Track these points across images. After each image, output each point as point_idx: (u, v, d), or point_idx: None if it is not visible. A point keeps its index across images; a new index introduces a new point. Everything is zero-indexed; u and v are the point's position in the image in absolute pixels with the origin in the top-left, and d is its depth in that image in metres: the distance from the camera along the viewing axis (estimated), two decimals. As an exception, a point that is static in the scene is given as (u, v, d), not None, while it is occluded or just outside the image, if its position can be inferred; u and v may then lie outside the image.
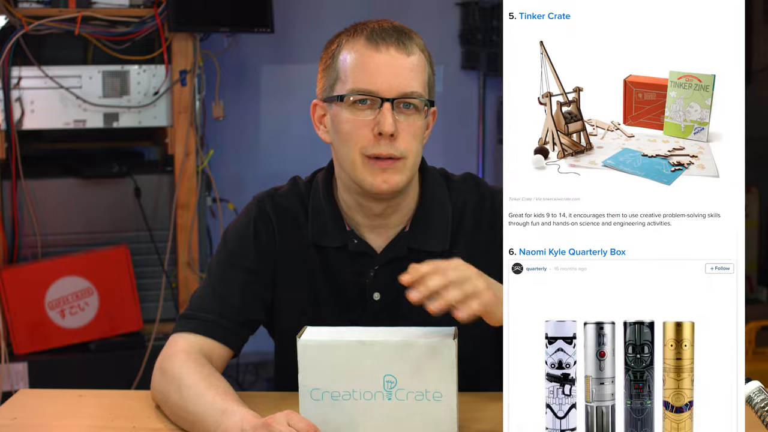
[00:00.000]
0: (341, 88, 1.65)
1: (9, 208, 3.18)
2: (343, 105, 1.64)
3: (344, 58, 1.65)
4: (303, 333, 1.46)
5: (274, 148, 4.26)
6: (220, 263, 1.74)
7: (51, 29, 3.14)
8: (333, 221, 1.71)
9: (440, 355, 1.42)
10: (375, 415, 1.44)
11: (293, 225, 1.73)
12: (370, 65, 1.62)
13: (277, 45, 4.18)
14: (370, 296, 1.71)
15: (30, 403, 1.69)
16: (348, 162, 1.65)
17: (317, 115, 1.72)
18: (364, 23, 1.68)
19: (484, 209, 1.75)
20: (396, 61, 1.62)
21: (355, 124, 1.63)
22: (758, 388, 1.28)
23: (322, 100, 1.71)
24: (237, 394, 1.53)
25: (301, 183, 1.78)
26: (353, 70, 1.63)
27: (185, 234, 3.30)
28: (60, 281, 3.17)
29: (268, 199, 1.76)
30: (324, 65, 1.70)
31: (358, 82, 1.63)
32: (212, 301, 1.69)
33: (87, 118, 3.22)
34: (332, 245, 1.71)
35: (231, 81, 4.03)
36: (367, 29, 1.65)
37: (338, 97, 1.64)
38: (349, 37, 1.66)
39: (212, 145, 3.54)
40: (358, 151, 1.63)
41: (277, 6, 3.41)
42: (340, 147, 1.66)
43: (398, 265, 1.66)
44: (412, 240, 1.71)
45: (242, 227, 1.75)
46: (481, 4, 4.27)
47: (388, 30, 1.65)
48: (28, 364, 3.11)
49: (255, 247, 1.72)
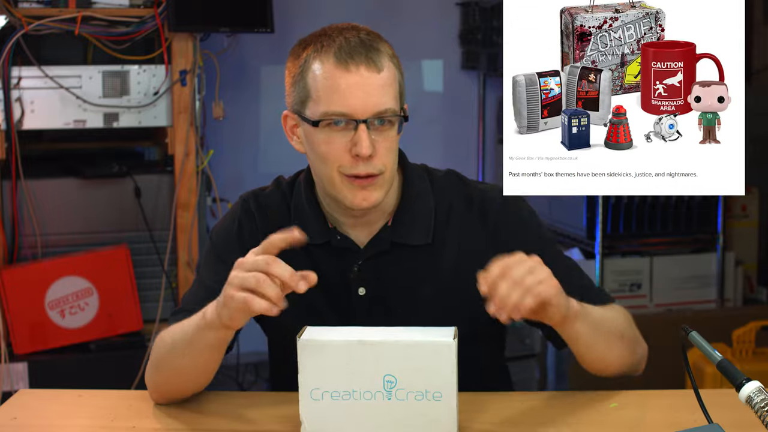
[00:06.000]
0: (314, 109, 1.62)
1: (9, 208, 3.18)
2: (317, 127, 1.63)
3: (314, 77, 1.62)
4: (303, 333, 1.46)
5: (274, 148, 4.26)
6: (208, 260, 1.77)
7: (51, 29, 3.13)
8: (315, 220, 1.73)
9: (440, 355, 1.42)
10: (375, 415, 1.44)
11: (276, 224, 1.73)
12: (341, 86, 1.60)
13: (277, 45, 4.18)
14: (355, 291, 1.71)
15: (30, 403, 1.69)
16: (326, 179, 1.66)
17: (289, 125, 1.71)
18: (329, 34, 1.65)
19: (472, 211, 1.75)
20: (367, 81, 1.61)
21: (330, 145, 1.62)
22: (758, 388, 1.28)
23: (293, 113, 1.69)
24: (237, 394, 1.53)
25: (284, 183, 1.80)
26: (324, 92, 1.61)
27: (185, 234, 3.30)
28: (60, 281, 3.17)
29: (252, 198, 1.78)
30: (292, 77, 1.67)
31: (330, 104, 1.61)
32: (201, 296, 1.70)
33: (87, 118, 3.22)
34: (316, 242, 1.71)
35: (231, 81, 4.03)
36: (335, 45, 1.62)
37: (312, 122, 1.63)
38: (317, 52, 1.63)
39: (212, 145, 3.54)
40: (335, 170, 1.64)
41: (277, 6, 3.41)
42: (317, 164, 1.67)
43: (382, 258, 1.71)
44: (395, 234, 1.72)
45: (227, 225, 1.78)
46: (481, 4, 4.28)
47: (356, 47, 1.62)
48: (28, 364, 3.11)
49: (239, 243, 1.74)
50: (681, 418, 1.56)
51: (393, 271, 1.71)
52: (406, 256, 1.72)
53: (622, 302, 1.80)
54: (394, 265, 1.71)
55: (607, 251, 3.60)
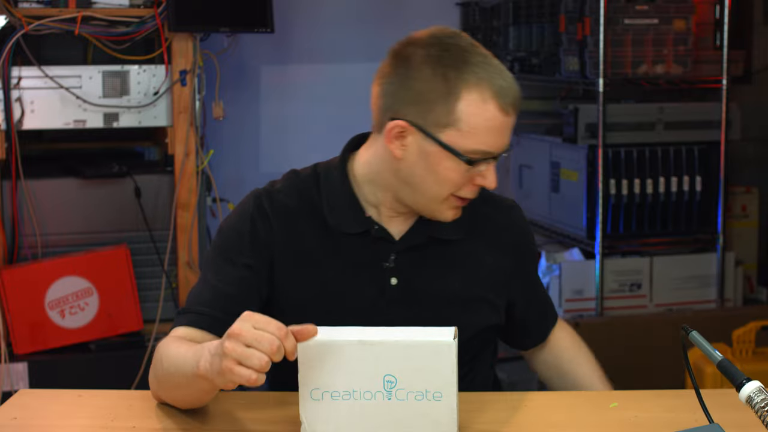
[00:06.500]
0: (459, 141, 1.62)
1: (9, 208, 3.18)
2: (455, 156, 1.63)
3: (472, 112, 1.61)
4: (303, 333, 1.46)
5: (274, 148, 4.26)
6: (216, 258, 1.75)
7: (51, 29, 3.13)
8: (351, 209, 1.74)
9: (440, 355, 1.42)
10: (375, 415, 1.44)
11: (293, 219, 1.75)
12: (498, 129, 1.63)
13: (277, 45, 4.18)
14: (387, 281, 1.73)
15: (30, 403, 1.69)
16: (431, 195, 1.67)
17: (397, 130, 1.66)
18: (484, 66, 1.64)
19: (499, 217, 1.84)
20: (512, 123, 1.66)
21: (459, 174, 1.65)
22: (758, 388, 1.28)
23: (415, 127, 1.65)
24: (237, 394, 1.53)
25: (303, 174, 1.79)
26: (483, 132, 1.62)
27: (185, 234, 3.30)
28: (60, 281, 3.17)
29: (265, 195, 1.77)
30: (433, 91, 1.62)
31: (483, 144, 1.63)
32: (208, 295, 1.70)
33: (87, 118, 3.22)
34: (353, 231, 1.73)
35: (231, 81, 4.02)
36: (495, 83, 1.62)
37: (459, 155, 1.62)
38: (475, 85, 1.61)
39: (212, 145, 3.54)
40: (449, 191, 1.67)
41: (277, 6, 3.41)
42: (429, 181, 1.66)
43: (417, 251, 1.74)
44: (431, 228, 1.75)
45: (238, 224, 1.76)
46: (481, 4, 4.28)
47: (511, 89, 1.64)
48: (28, 364, 3.11)
49: (250, 243, 1.73)
50: (681, 418, 1.56)
51: (426, 264, 1.75)
52: (440, 250, 1.76)
53: (622, 302, 1.82)
54: (427, 257, 1.75)
55: (607, 251, 3.60)
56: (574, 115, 3.61)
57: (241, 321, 1.38)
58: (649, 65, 3.57)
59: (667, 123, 3.67)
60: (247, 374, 1.34)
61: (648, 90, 3.76)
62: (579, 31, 3.57)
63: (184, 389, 1.56)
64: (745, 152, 3.99)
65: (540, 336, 1.95)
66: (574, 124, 3.61)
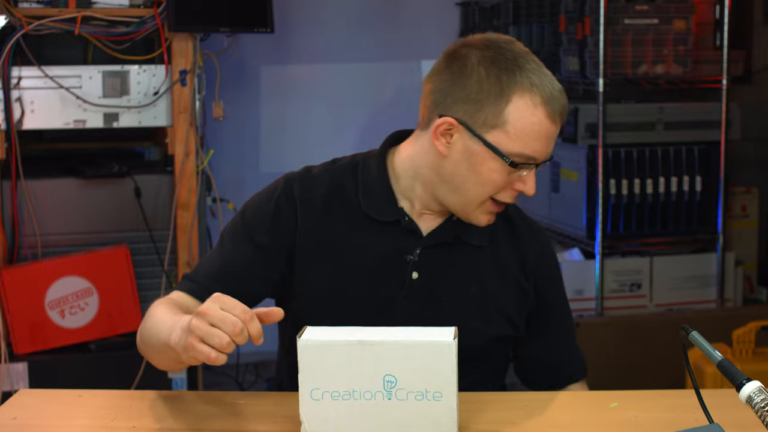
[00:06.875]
0: (506, 143, 1.64)
1: (9, 208, 3.18)
2: (499, 157, 1.64)
3: (521, 116, 1.63)
4: (303, 333, 1.46)
5: (274, 148, 4.27)
6: (233, 233, 1.77)
7: (51, 29, 3.13)
8: (386, 199, 1.75)
9: (440, 355, 1.42)
10: (375, 415, 1.44)
11: (322, 206, 1.76)
12: (544, 135, 1.65)
13: (277, 45, 4.18)
14: (409, 274, 1.74)
15: (30, 403, 1.69)
16: (471, 195, 1.69)
17: (444, 128, 1.68)
18: (537, 73, 1.65)
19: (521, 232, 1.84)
20: (557, 132, 1.68)
21: (501, 176, 1.66)
22: (758, 388, 1.28)
23: (463, 125, 1.66)
24: (237, 394, 1.53)
25: (341, 162, 1.81)
26: (531, 137, 1.64)
27: (185, 234, 3.30)
28: (60, 281, 3.17)
29: (298, 179, 1.78)
30: (485, 92, 1.64)
31: (528, 148, 1.64)
32: (214, 267, 1.74)
33: (87, 118, 3.22)
34: (384, 219, 1.74)
35: (231, 81, 4.03)
36: (545, 90, 1.64)
37: (504, 156, 1.64)
38: (528, 90, 1.63)
39: (212, 145, 3.54)
40: (489, 193, 1.68)
41: (277, 6, 3.41)
42: (470, 180, 1.68)
43: (442, 249, 1.75)
44: (459, 229, 1.76)
45: (263, 203, 1.77)
46: (481, 4, 4.28)
47: (560, 99, 1.66)
48: (28, 364, 3.11)
49: (271, 225, 1.74)
50: (681, 418, 1.56)
51: (449, 263, 1.76)
52: (464, 252, 1.77)
53: (622, 302, 1.82)
54: (451, 257, 1.76)
55: (607, 251, 3.60)
56: (574, 115, 3.61)
57: (210, 301, 1.41)
58: (649, 65, 3.57)
59: (667, 123, 3.67)
60: (207, 351, 1.38)
61: (648, 90, 3.76)
62: (579, 31, 3.57)
63: (159, 353, 1.60)
64: (745, 152, 3.99)
65: (553, 380, 1.87)
66: (574, 124, 3.62)
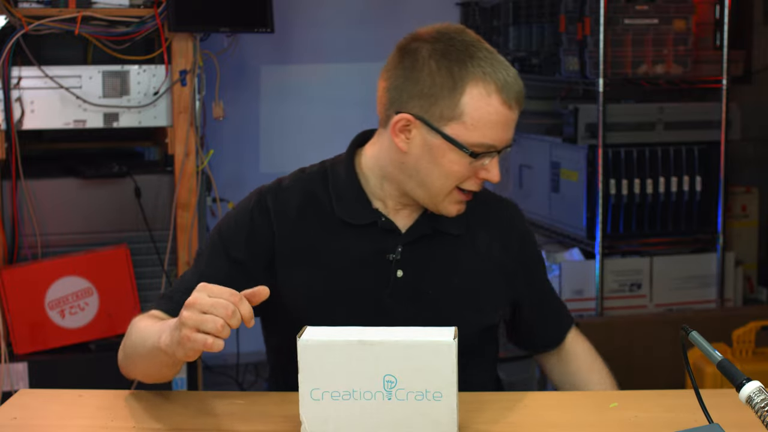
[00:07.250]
0: (463, 134, 1.64)
1: (9, 208, 3.18)
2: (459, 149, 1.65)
3: (476, 106, 1.64)
4: (303, 333, 1.46)
5: (274, 148, 4.27)
6: (210, 250, 1.78)
7: (51, 29, 3.13)
8: (359, 202, 1.76)
9: (440, 355, 1.42)
10: (375, 415, 1.44)
11: (297, 216, 1.76)
12: (502, 123, 1.65)
13: (277, 45, 4.18)
14: (393, 273, 1.74)
15: (30, 403, 1.69)
16: (436, 188, 1.70)
17: (401, 124, 1.68)
18: (489, 60, 1.66)
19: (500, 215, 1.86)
20: (515, 118, 1.68)
21: (463, 167, 1.67)
22: (758, 388, 1.28)
23: (420, 120, 1.67)
24: (237, 394, 1.53)
25: (310, 171, 1.82)
26: (487, 126, 1.64)
27: (185, 234, 3.30)
28: (60, 281, 3.16)
29: (270, 192, 1.79)
30: (438, 85, 1.65)
31: (487, 138, 1.65)
32: (193, 284, 1.70)
33: (87, 118, 3.22)
34: (360, 222, 1.75)
35: (231, 81, 4.03)
36: (499, 79, 1.64)
37: (463, 148, 1.64)
38: (481, 80, 1.64)
39: (212, 145, 3.54)
40: (454, 184, 1.69)
41: (277, 6, 3.41)
42: (435, 174, 1.69)
43: (422, 243, 1.76)
44: (435, 221, 1.77)
45: (238, 217, 1.79)
46: (481, 4, 4.28)
47: (514, 85, 1.66)
48: (28, 364, 3.11)
49: (247, 238, 1.75)
50: (681, 418, 1.56)
51: (431, 257, 1.77)
52: (444, 243, 1.78)
53: (622, 302, 1.83)
54: (432, 250, 1.77)
55: (607, 251, 3.60)
56: (574, 115, 3.61)
57: (197, 291, 1.43)
58: (649, 65, 3.57)
59: (667, 123, 3.67)
60: (203, 338, 1.39)
61: (648, 90, 3.76)
62: (579, 31, 3.57)
63: (147, 360, 1.59)
64: (745, 152, 3.99)
65: (549, 340, 1.95)
66: (574, 124, 3.62)
